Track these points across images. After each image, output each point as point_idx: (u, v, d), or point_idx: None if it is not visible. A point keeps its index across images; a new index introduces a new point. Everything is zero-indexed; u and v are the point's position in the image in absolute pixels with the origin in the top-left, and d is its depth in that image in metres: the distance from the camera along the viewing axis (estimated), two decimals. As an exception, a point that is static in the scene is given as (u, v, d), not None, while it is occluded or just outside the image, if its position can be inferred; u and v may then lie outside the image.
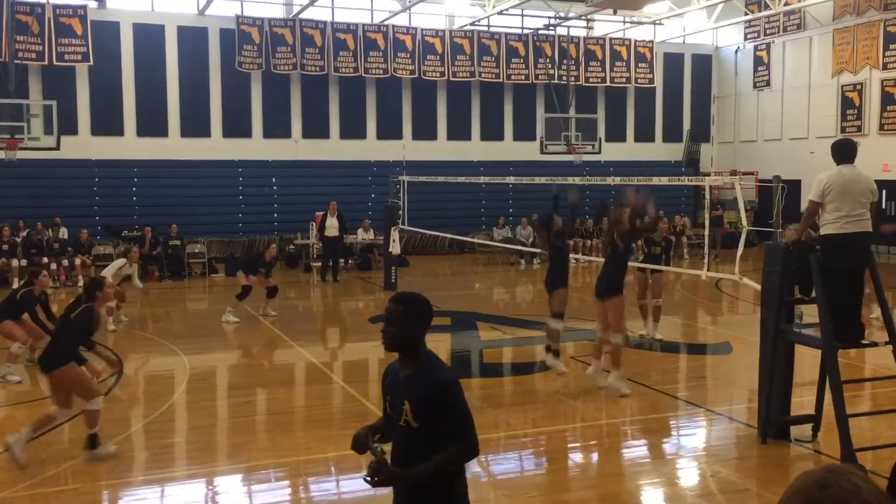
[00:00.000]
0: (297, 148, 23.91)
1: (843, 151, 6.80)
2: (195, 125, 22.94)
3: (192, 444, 7.66)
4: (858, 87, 23.56)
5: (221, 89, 23.17)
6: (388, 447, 3.50)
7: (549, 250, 9.74)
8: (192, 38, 22.78)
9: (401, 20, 24.45)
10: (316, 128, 24.15)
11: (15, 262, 17.86)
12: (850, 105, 23.84)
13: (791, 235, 7.10)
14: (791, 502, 1.50)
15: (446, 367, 3.53)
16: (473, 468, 7.03)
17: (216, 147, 23.06)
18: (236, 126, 23.33)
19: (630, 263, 10.01)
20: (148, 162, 22.15)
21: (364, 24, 24.04)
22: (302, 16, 23.27)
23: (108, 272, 13.16)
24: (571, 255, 13.26)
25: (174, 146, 22.67)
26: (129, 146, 22.24)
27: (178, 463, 7.21)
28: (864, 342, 6.97)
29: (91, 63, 21.56)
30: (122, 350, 11.30)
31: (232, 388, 10.01)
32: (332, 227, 19.06)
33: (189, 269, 19.77)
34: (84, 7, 21.46)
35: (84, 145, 21.71)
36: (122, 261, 13.82)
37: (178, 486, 6.73)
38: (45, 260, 18.06)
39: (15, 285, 17.50)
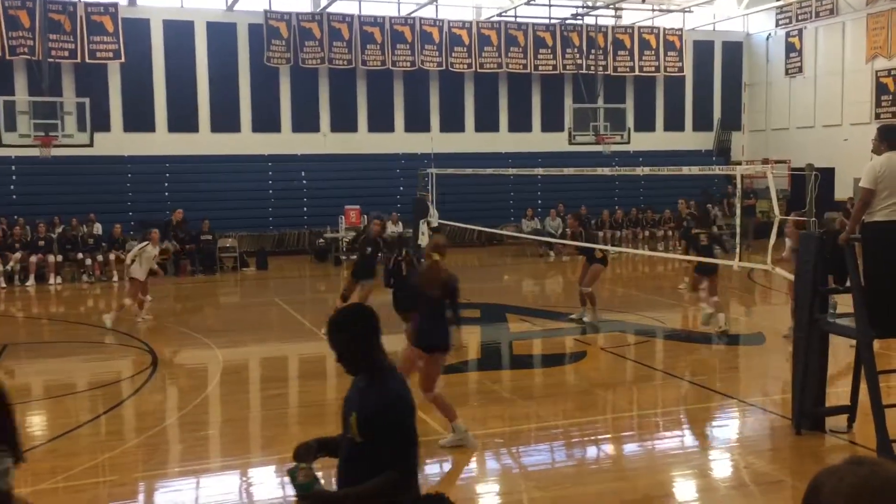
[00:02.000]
0: (325, 142, 24.02)
1: (894, 137, 6.66)
2: (225, 120, 23.13)
3: (226, 437, 7.75)
4: (893, 72, 23.11)
5: (250, 84, 23.33)
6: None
7: None
8: (221, 34, 22.95)
9: (427, 12, 24.42)
10: (344, 121, 24.23)
11: (51, 258, 18.16)
12: (884, 91, 23.41)
13: (845, 233, 6.86)
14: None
15: (400, 385, 3.36)
16: (504, 459, 7.05)
17: (246, 142, 23.24)
18: (265, 121, 23.48)
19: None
20: (179, 157, 22.39)
21: (391, 17, 24.05)
22: (329, 10, 23.34)
23: (133, 256, 13.16)
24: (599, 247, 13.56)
25: (204, 141, 22.88)
26: (161, 142, 22.49)
27: (213, 455, 7.31)
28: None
29: (122, 60, 21.81)
30: (157, 343, 11.46)
31: (264, 380, 10.11)
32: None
33: (221, 264, 19.97)
34: (115, 4, 21.70)
35: (117, 142, 21.99)
36: (144, 243, 13.41)
37: (213, 477, 6.82)
38: (80, 256, 18.35)
39: (51, 281, 17.82)
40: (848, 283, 6.89)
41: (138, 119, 22.37)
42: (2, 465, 3.44)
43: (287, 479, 3.23)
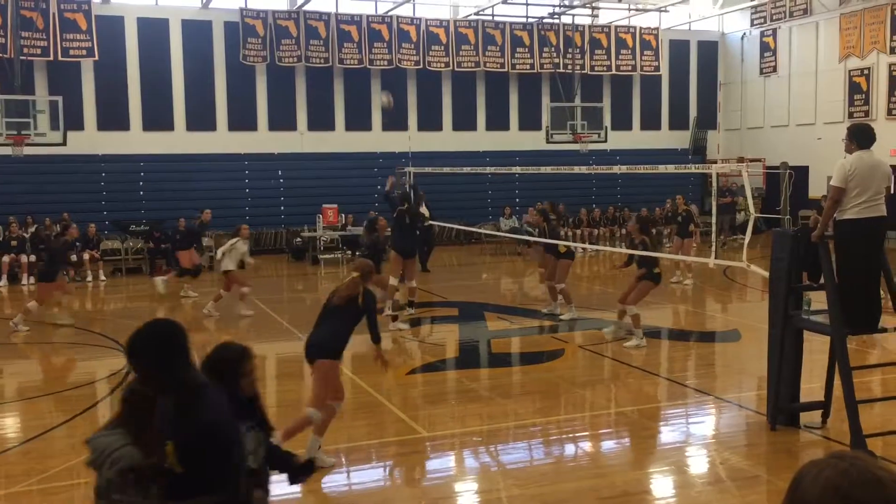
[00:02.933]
0: (302, 140, 23.92)
1: (863, 136, 6.75)
2: (201, 119, 22.97)
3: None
4: (866, 71, 23.42)
5: (226, 83, 23.19)
6: None
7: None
8: (197, 32, 22.78)
9: (405, 11, 24.39)
10: (321, 120, 24.15)
11: (24, 258, 17.93)
12: (857, 90, 23.71)
13: (817, 231, 6.95)
14: (823, 496, 1.46)
15: (216, 405, 3.14)
16: (483, 458, 7.07)
17: (222, 140, 23.09)
18: (242, 119, 23.35)
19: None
20: (154, 156, 22.20)
21: (368, 16, 24.00)
22: (306, 8, 23.24)
23: (224, 251, 13.45)
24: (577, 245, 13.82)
25: (180, 140, 22.71)
26: (136, 141, 22.29)
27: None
28: (876, 328, 6.95)
29: (96, 58, 21.59)
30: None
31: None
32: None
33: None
34: (88, 2, 21.47)
35: (90, 140, 21.77)
36: (234, 240, 13.68)
37: (190, 478, 6.75)
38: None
39: (24, 281, 17.61)
40: (822, 280, 6.97)
41: (112, 117, 22.15)
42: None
43: None
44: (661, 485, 6.51)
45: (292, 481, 4.00)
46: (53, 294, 12.93)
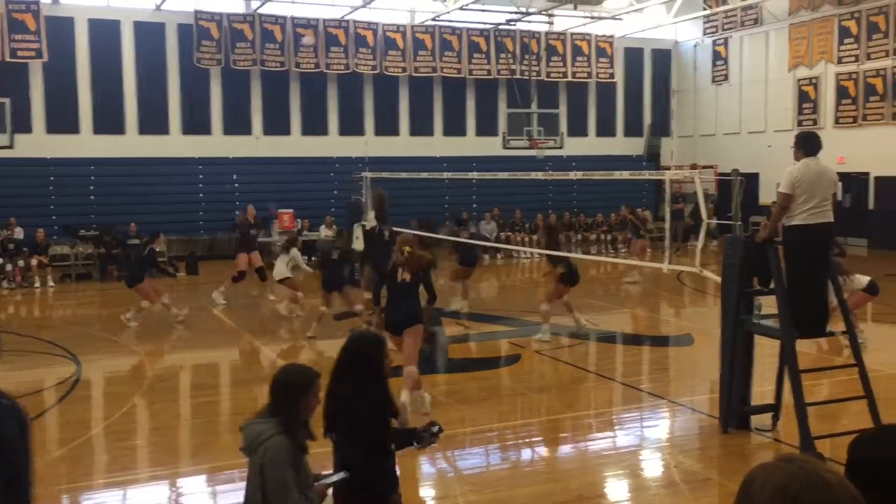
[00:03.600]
0: (258, 145, 23.69)
1: (809, 144, 6.89)
2: (153, 122, 22.61)
3: (154, 446, 7.55)
4: (814, 80, 23.97)
5: (180, 86, 22.87)
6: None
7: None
8: (150, 34, 22.43)
9: (362, 15, 24.31)
10: (277, 124, 23.95)
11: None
12: (806, 99, 24.25)
13: (763, 233, 7.11)
14: (772, 498, 1.48)
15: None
16: (440, 464, 7.04)
17: (175, 144, 22.76)
18: (195, 123, 23.04)
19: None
20: (105, 160, 21.79)
21: (325, 20, 23.87)
22: (261, 11, 23.04)
23: (286, 264, 13.58)
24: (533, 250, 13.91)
25: (132, 143, 22.32)
26: (86, 144, 21.85)
27: (140, 465, 7.11)
28: (824, 332, 7.09)
29: (45, 59, 21.13)
30: (82, 351, 11.11)
31: (194, 388, 9.89)
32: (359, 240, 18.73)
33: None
34: (37, 2, 21.01)
35: (39, 144, 21.28)
36: (293, 251, 13.91)
37: (141, 488, 6.63)
38: (1, 261, 17.69)
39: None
40: (772, 285, 7.09)
41: (62, 120, 21.70)
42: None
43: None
44: (616, 488, 6.56)
45: (423, 445, 4.34)
46: None
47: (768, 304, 7.41)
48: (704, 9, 25.29)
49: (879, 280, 11.48)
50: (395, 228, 12.85)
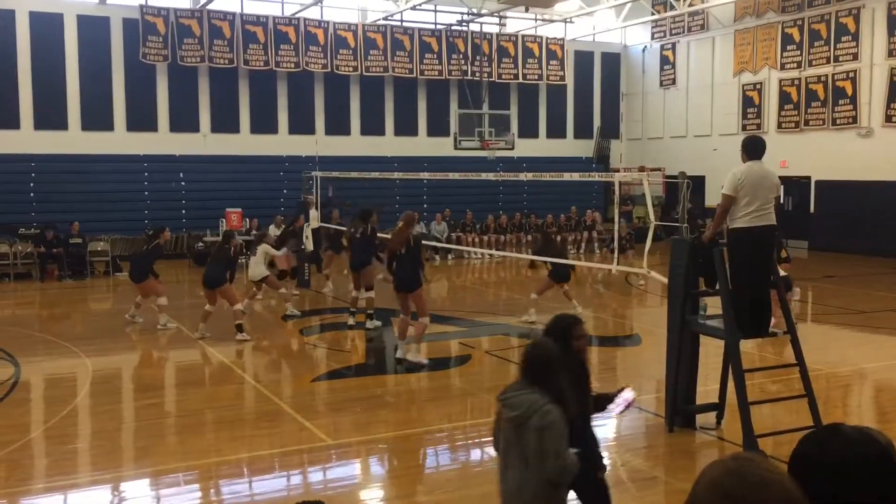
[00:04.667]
0: (205, 142, 23.34)
1: (754, 148, 7.02)
2: (97, 118, 22.11)
3: (96, 449, 7.37)
4: (758, 86, 24.50)
5: (125, 81, 22.40)
6: None
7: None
8: (94, 28, 21.94)
9: (312, 13, 24.12)
10: (225, 122, 23.62)
11: None
12: (750, 104, 24.78)
13: (707, 233, 7.24)
14: (708, 494, 1.53)
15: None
16: (389, 464, 7.01)
17: (120, 141, 22.29)
18: (141, 120, 22.59)
19: None
20: (46, 157, 21.24)
21: (274, 17, 23.63)
22: (210, 7, 22.69)
23: (263, 262, 13.36)
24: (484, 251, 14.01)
25: (75, 140, 21.80)
26: (26, 140, 21.26)
27: (81, 469, 6.93)
28: (767, 333, 7.23)
29: (-16, 52, 20.52)
30: (20, 352, 10.80)
31: (137, 390, 9.69)
32: (314, 218, 18.48)
33: (91, 269, 19.07)
34: (-25, -7, 20.41)
35: (-24, 139, 20.66)
36: (264, 246, 13.61)
37: (82, 492, 6.47)
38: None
39: None
40: (717, 286, 7.21)
41: (1, 115, 21.08)
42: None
43: None
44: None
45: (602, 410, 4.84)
46: None
47: (714, 305, 7.54)
48: (653, 13, 25.67)
49: (818, 281, 11.77)
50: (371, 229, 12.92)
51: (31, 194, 20.86)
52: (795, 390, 7.47)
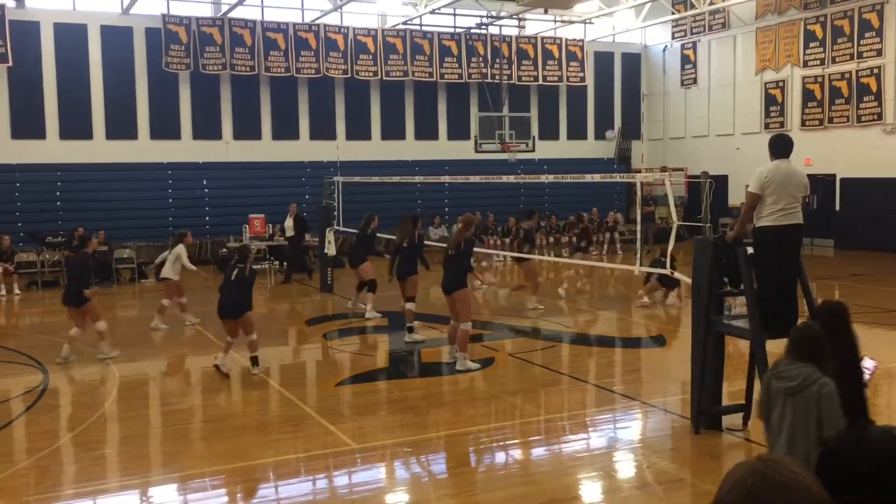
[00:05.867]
0: (227, 149, 23.52)
1: (780, 146, 6.97)
2: (121, 127, 22.36)
3: (124, 455, 7.44)
4: (781, 84, 24.30)
5: (148, 90, 22.65)
6: None
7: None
8: (117, 38, 22.20)
9: (332, 19, 24.26)
10: (247, 129, 23.80)
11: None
12: (773, 102, 24.58)
13: (732, 233, 7.18)
14: (732, 494, 1.53)
15: None
16: (414, 468, 7.03)
17: (143, 149, 22.53)
18: (164, 128, 22.82)
19: None
20: (72, 166, 21.52)
21: (295, 24, 23.78)
22: (231, 15, 22.89)
23: (171, 261, 13.10)
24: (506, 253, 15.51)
25: (99, 149, 22.06)
26: (52, 149, 21.56)
27: (110, 474, 7.00)
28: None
29: (10, 64, 20.83)
30: (48, 360, 10.94)
31: (164, 395, 9.78)
32: (289, 227, 19.16)
33: (117, 275, 19.27)
34: (1, 6, 20.71)
35: (4, 149, 20.98)
36: (180, 247, 13.30)
37: (111, 498, 6.54)
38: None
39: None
40: (742, 286, 7.16)
41: (27, 125, 21.39)
42: None
43: None
44: (590, 490, 6.58)
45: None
46: None
47: (740, 305, 7.48)
48: (673, 13, 25.54)
49: (845, 279, 11.64)
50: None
51: (58, 203, 21.14)
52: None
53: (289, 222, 19.31)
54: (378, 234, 14.95)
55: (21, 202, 20.87)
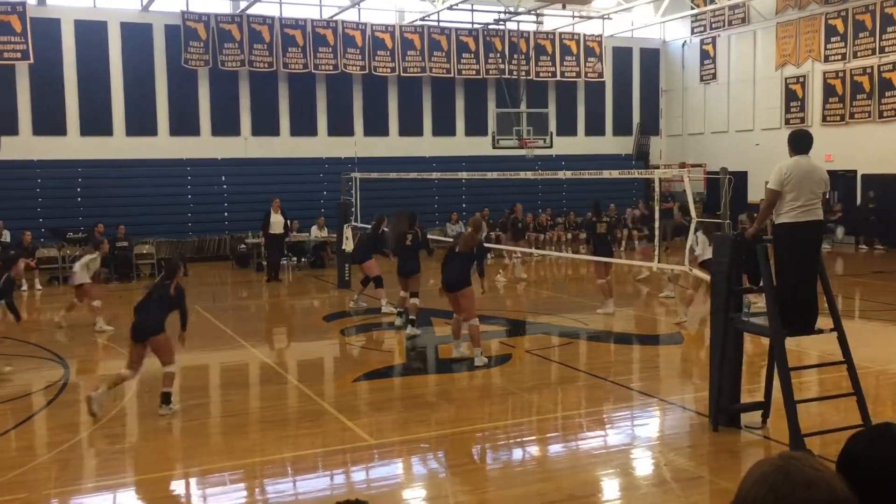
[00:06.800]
0: (246, 146, 23.62)
1: (800, 142, 6.91)
2: (141, 124, 22.52)
3: (144, 449, 7.51)
4: (801, 79, 24.07)
5: (167, 87, 22.78)
6: None
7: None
8: (136, 35, 22.34)
9: (350, 15, 24.28)
10: (266, 125, 23.88)
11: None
12: (793, 97, 24.36)
13: (751, 229, 7.15)
14: (755, 491, 1.52)
15: None
16: (430, 464, 7.04)
17: (163, 146, 22.67)
18: (183, 124, 22.95)
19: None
20: (92, 162, 21.69)
21: (313, 20, 23.83)
22: (249, 11, 22.97)
23: (80, 266, 13.00)
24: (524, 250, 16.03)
25: (119, 145, 22.22)
26: (73, 146, 21.74)
27: (130, 468, 7.07)
28: (814, 330, 7.10)
29: (31, 61, 21.01)
30: (70, 354, 11.04)
31: (184, 390, 9.83)
32: (278, 223, 18.83)
33: (137, 271, 19.41)
34: (23, 4, 20.89)
35: (25, 146, 21.17)
36: (95, 253, 13.44)
37: (130, 491, 6.60)
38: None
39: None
40: (762, 283, 7.11)
41: (48, 122, 21.58)
42: None
43: None
44: (607, 487, 6.57)
45: None
46: None
47: (757, 302, 7.43)
48: (692, 8, 25.37)
49: (867, 277, 11.53)
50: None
51: (79, 199, 21.33)
52: (843, 388, 7.34)
53: (276, 218, 18.72)
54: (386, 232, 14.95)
55: (42, 198, 21.08)
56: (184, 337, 8.82)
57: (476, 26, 25.98)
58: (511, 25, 26.29)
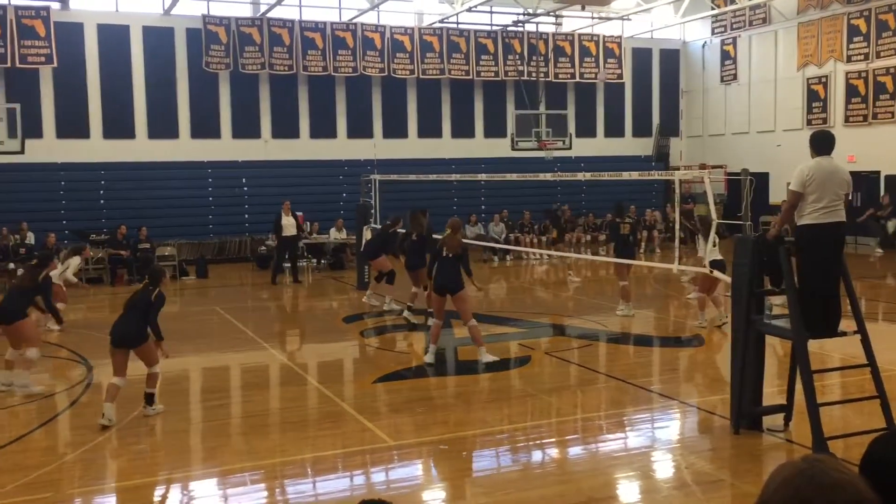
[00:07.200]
0: (266, 148, 23.76)
1: (822, 143, 6.86)
2: (163, 126, 22.70)
3: (166, 449, 7.58)
4: (823, 79, 23.87)
5: (189, 90, 22.95)
6: None
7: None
8: (158, 39, 22.53)
9: (369, 18, 24.36)
10: (286, 127, 24.01)
11: (-20, 269, 17.55)
12: (815, 98, 24.15)
13: (773, 231, 7.10)
14: (779, 494, 1.52)
15: None
16: (449, 466, 7.04)
17: (184, 148, 22.84)
18: (205, 127, 23.12)
19: None
20: (115, 164, 21.90)
21: (332, 23, 23.93)
22: (269, 15, 23.10)
23: (70, 271, 13.17)
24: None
25: (142, 148, 22.42)
26: (96, 148, 21.96)
27: (152, 468, 7.13)
28: (836, 332, 7.03)
29: (55, 65, 21.25)
30: (91, 355, 11.15)
31: (205, 391, 9.92)
32: (290, 225, 18.84)
33: (159, 272, 19.55)
34: (47, 8, 21.14)
35: (49, 148, 21.40)
36: (77, 259, 13.84)
37: (153, 491, 6.65)
38: (12, 266, 17.78)
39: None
40: (783, 285, 7.05)
41: (72, 125, 21.81)
42: None
43: None
44: (627, 490, 6.54)
45: None
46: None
47: (780, 304, 7.38)
48: (712, 8, 25.22)
49: (890, 279, 11.42)
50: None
51: (101, 201, 21.53)
52: (866, 391, 7.27)
53: (288, 220, 18.73)
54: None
55: (66, 201, 21.31)
56: (162, 347, 8.47)
57: (495, 28, 25.98)
58: (530, 27, 26.26)
